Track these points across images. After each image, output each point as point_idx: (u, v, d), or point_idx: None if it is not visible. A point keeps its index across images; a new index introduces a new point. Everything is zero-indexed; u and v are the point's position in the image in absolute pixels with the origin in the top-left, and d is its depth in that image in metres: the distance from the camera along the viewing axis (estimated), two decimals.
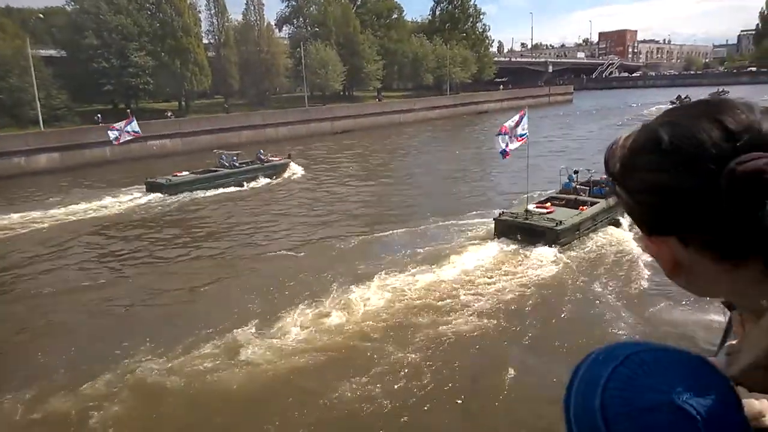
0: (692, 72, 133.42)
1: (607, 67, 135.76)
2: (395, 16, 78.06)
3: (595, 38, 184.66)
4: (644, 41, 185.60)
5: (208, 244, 16.50)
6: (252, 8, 58.40)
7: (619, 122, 47.01)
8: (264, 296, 11.61)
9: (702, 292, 0.72)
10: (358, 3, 74.45)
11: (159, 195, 23.49)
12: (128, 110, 43.63)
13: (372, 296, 11.34)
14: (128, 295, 12.36)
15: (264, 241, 16.54)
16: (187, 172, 25.85)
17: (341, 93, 65.10)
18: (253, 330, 9.95)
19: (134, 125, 25.04)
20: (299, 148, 36.98)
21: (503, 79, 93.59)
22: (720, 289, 0.70)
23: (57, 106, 41.00)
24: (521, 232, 14.59)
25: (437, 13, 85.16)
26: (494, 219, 15.32)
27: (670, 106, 0.74)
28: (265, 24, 60.05)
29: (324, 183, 26.23)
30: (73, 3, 48.37)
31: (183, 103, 52.61)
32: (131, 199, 23.33)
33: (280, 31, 68.37)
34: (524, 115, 15.38)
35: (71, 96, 43.74)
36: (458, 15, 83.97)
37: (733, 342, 0.71)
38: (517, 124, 15.25)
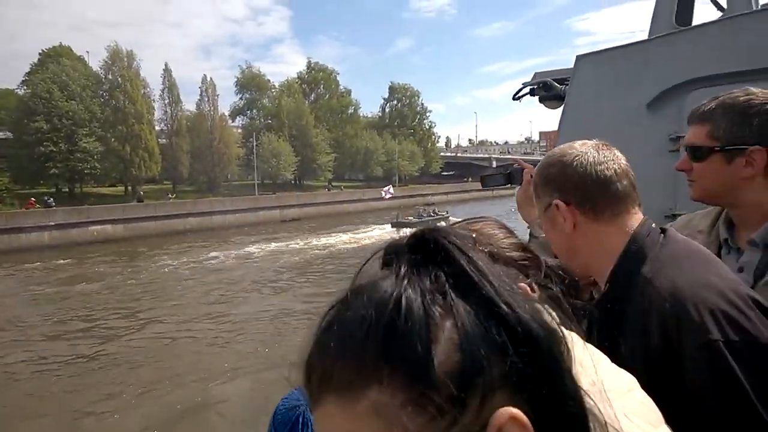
0: None
1: None
2: (351, 111, 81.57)
3: (536, 137, 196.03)
4: None
5: None
6: (206, 99, 60.07)
7: None
8: None
9: None
10: (312, 98, 77.71)
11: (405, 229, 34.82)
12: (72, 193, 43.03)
13: None
14: None
15: None
16: (411, 218, 41.87)
17: (292, 182, 66.28)
18: None
19: (391, 189, 50.86)
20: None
21: (451, 173, 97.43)
22: None
23: None
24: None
25: (386, 110, 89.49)
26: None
27: None
28: (219, 114, 61.62)
29: None
30: (25, 87, 48.78)
31: (129, 187, 52.29)
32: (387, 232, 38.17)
33: (233, 121, 70.09)
34: None
35: (13, 178, 43.03)
36: (407, 112, 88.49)
37: None
38: None
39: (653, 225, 1.23)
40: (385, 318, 0.47)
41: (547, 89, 4.16)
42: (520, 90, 4.32)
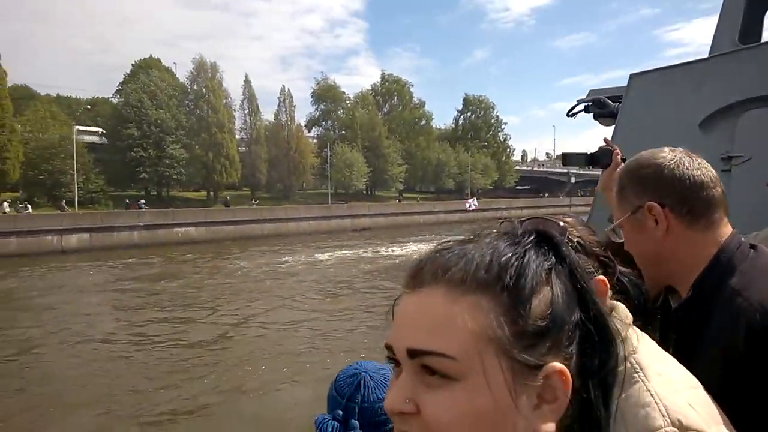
0: None
1: None
2: (423, 122, 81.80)
3: None
4: None
5: None
6: (284, 109, 62.08)
7: None
8: None
9: None
10: (386, 109, 78.62)
11: None
12: (160, 196, 45.60)
13: None
14: None
15: None
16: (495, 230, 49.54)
17: (364, 192, 67.11)
18: None
19: (475, 201, 55.24)
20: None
21: (526, 187, 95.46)
22: None
23: (93, 189, 43.15)
24: None
25: (460, 122, 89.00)
26: None
27: None
28: (296, 125, 63.46)
29: None
30: (118, 96, 52.27)
31: (211, 193, 54.73)
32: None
33: (309, 131, 71.85)
34: None
35: (107, 181, 46.09)
36: (481, 124, 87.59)
37: None
38: None
39: (743, 238, 1.22)
40: (509, 257, 0.60)
41: (601, 106, 4.17)
42: (574, 107, 4.33)
